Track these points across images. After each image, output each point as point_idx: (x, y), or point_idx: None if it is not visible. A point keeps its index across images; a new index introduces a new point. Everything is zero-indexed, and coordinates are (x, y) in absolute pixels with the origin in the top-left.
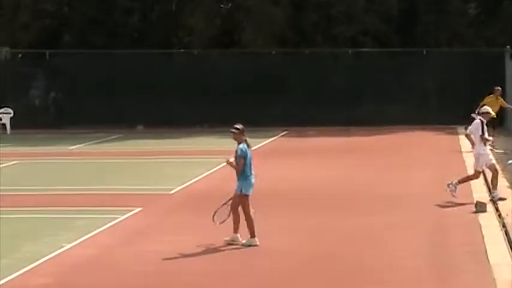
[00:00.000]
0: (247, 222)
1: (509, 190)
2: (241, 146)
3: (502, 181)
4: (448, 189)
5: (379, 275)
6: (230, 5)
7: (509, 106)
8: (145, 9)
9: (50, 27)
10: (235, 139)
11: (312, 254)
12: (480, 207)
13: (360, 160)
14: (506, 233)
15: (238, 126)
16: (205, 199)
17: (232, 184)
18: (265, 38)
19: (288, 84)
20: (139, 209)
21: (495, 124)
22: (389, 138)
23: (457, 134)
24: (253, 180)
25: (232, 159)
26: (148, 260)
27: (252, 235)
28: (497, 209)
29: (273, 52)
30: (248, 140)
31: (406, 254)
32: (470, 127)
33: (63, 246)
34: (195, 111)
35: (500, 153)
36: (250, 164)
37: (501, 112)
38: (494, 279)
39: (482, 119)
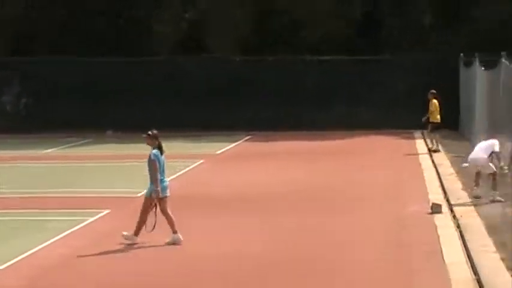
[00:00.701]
0: (148, 222)
1: (463, 192)
2: (154, 151)
3: (456, 183)
4: None
5: (337, 275)
6: (194, 10)
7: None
8: (113, 14)
9: (20, 33)
10: (148, 144)
11: (272, 256)
12: (436, 209)
13: (324, 163)
14: (461, 234)
15: (150, 132)
16: (172, 201)
17: (200, 187)
18: (230, 43)
19: (255, 89)
20: (108, 211)
21: (433, 128)
22: (353, 142)
23: (414, 138)
24: (166, 183)
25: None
26: (117, 261)
27: (138, 230)
28: (452, 210)
29: (237, 59)
30: (163, 144)
31: (364, 254)
32: None
33: (34, 248)
34: (165, 115)
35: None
36: (163, 168)
37: (454, 117)
38: (449, 279)
39: None
